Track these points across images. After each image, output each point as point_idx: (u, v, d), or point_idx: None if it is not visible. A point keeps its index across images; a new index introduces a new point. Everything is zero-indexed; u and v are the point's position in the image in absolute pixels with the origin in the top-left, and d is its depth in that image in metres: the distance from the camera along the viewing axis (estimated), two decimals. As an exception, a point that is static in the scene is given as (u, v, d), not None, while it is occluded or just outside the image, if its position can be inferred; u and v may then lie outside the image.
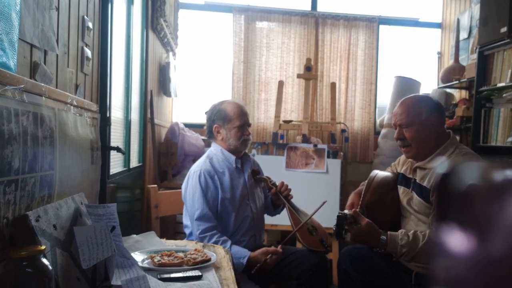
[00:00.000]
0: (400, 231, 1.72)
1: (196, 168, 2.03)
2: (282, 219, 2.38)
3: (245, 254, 1.88)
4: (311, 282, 1.91)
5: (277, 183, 2.12)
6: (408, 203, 1.81)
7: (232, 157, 2.06)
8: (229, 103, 2.10)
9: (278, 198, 2.09)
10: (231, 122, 2.04)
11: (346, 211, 1.77)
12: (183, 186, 2.06)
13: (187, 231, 2.06)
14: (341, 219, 1.71)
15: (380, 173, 1.95)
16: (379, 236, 1.70)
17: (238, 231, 2.00)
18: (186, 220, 2.06)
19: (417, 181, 1.79)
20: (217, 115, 2.08)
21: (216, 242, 1.86)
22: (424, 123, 1.76)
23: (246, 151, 2.14)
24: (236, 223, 2.00)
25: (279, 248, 1.92)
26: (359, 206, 1.83)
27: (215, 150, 2.09)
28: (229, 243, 1.89)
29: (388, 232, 1.71)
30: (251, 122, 2.29)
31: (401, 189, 1.88)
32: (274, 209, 2.24)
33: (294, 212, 2.05)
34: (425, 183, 1.74)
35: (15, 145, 0.94)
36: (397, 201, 1.87)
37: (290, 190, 2.11)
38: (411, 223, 1.78)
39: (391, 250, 1.70)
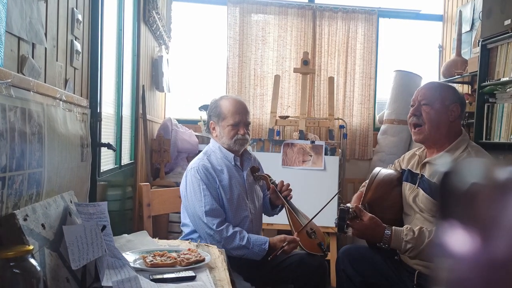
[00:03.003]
0: (405, 226, 1.69)
1: (194, 164, 1.98)
2: (278, 218, 2.36)
3: (265, 240, 1.89)
4: (308, 286, 1.89)
5: (277, 182, 2.08)
6: (413, 200, 1.77)
7: (231, 155, 2.01)
8: (227, 99, 2.04)
9: (277, 197, 2.05)
10: (225, 119, 1.99)
11: (348, 205, 1.75)
12: (181, 185, 2.01)
13: (186, 229, 2.00)
14: (343, 212, 1.69)
15: (383, 170, 1.93)
16: (383, 231, 1.67)
17: None
18: (184, 219, 2.00)
19: (426, 176, 1.76)
20: (213, 111, 2.03)
21: (234, 233, 1.85)
22: (445, 108, 1.74)
23: (249, 149, 2.10)
24: (234, 224, 1.94)
25: (296, 235, 1.91)
26: (360, 203, 1.81)
27: (213, 147, 2.04)
28: (245, 231, 1.88)
29: (393, 227, 1.68)
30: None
31: (407, 186, 1.85)
32: (272, 209, 2.20)
33: (294, 214, 2.01)
34: (434, 179, 1.71)
35: (2, 142, 0.93)
36: (399, 199, 1.85)
37: (290, 190, 2.07)
38: (416, 221, 1.75)
39: (395, 245, 1.67)
